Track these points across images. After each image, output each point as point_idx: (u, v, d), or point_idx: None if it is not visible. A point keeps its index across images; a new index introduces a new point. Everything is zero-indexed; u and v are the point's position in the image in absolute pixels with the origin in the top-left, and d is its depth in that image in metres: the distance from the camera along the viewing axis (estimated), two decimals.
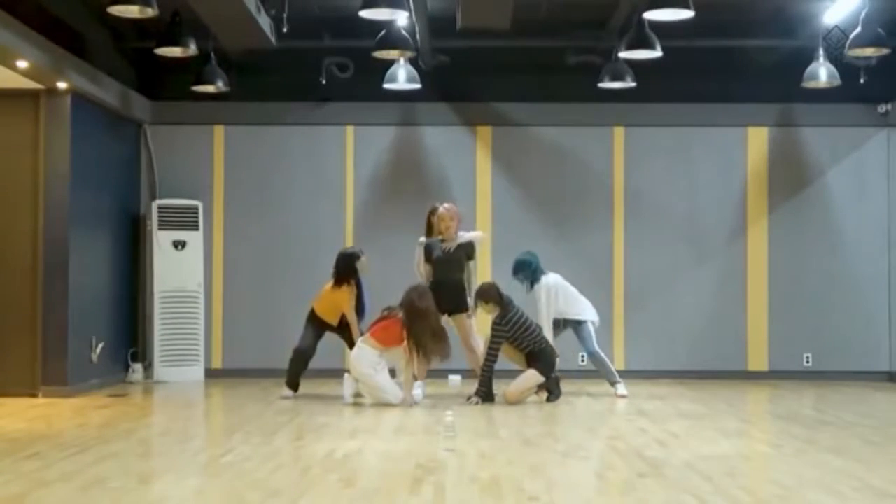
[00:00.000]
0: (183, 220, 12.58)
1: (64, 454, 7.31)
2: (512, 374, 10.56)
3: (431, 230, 10.77)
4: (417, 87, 11.79)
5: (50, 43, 10.04)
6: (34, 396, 10.71)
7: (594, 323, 11.00)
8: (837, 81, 11.37)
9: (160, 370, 12.42)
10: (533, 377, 10.32)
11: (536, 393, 10.46)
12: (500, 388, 10.38)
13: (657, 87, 12.30)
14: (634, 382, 11.75)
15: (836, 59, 11.26)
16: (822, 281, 12.87)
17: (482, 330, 10.80)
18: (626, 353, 12.78)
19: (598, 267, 12.78)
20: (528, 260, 10.94)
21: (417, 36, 10.78)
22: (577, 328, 10.97)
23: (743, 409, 10.52)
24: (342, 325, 10.83)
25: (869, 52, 10.20)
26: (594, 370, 11.20)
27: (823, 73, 11.32)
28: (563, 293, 10.89)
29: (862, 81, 11.83)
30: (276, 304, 12.70)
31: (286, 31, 10.30)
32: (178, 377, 12.40)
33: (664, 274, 12.88)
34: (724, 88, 12.82)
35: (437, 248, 10.71)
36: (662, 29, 9.91)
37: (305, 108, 12.91)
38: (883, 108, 12.78)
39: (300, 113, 12.93)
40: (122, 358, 12.35)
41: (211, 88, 11.64)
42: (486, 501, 5.88)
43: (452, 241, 10.69)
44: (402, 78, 11.62)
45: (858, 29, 9.86)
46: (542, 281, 10.84)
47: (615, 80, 11.50)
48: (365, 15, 8.94)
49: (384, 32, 10.06)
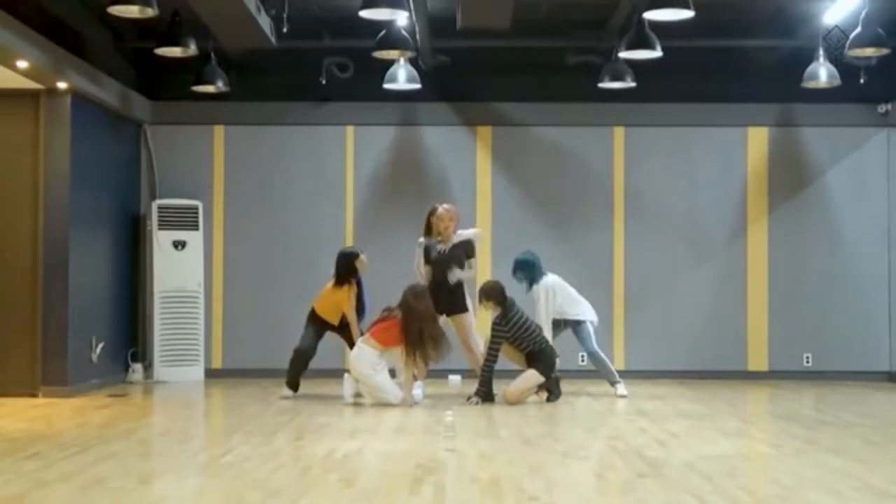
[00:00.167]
0: (183, 220, 12.58)
1: (64, 454, 7.31)
2: (512, 374, 10.56)
3: (431, 230, 10.77)
4: (417, 87, 11.79)
5: (50, 43, 10.04)
6: (34, 396, 10.72)
7: (593, 323, 11.01)
8: (837, 81, 11.37)
9: (160, 370, 12.42)
10: (533, 377, 10.32)
11: (536, 393, 10.47)
12: (500, 388, 10.39)
13: (657, 87, 12.29)
14: (634, 382, 11.76)
15: (836, 59, 11.26)
16: (822, 281, 12.87)
17: (482, 330, 10.81)
18: (626, 353, 12.78)
19: (598, 267, 12.78)
20: (527, 259, 10.94)
21: (417, 36, 10.78)
22: (576, 328, 10.97)
23: (743, 409, 10.52)
24: (342, 324, 10.84)
25: (869, 52, 10.19)
26: (594, 370, 11.20)
27: (823, 73, 11.32)
28: (561, 293, 10.89)
29: (862, 81, 11.83)
30: (276, 304, 12.71)
31: (286, 31, 10.29)
32: (178, 377, 12.40)
33: (664, 274, 12.88)
34: (724, 88, 12.82)
35: (435, 248, 10.71)
36: (662, 29, 9.91)
37: (305, 108, 12.91)
38: (883, 108, 12.78)
39: (300, 113, 12.93)
40: (122, 358, 12.35)
41: (211, 88, 11.64)
42: (486, 501, 5.88)
43: (448, 241, 10.69)
44: (402, 78, 11.61)
45: (858, 29, 9.86)
46: (541, 281, 10.84)
47: (615, 80, 11.50)
48: (365, 15, 8.94)
49: (384, 32, 10.06)
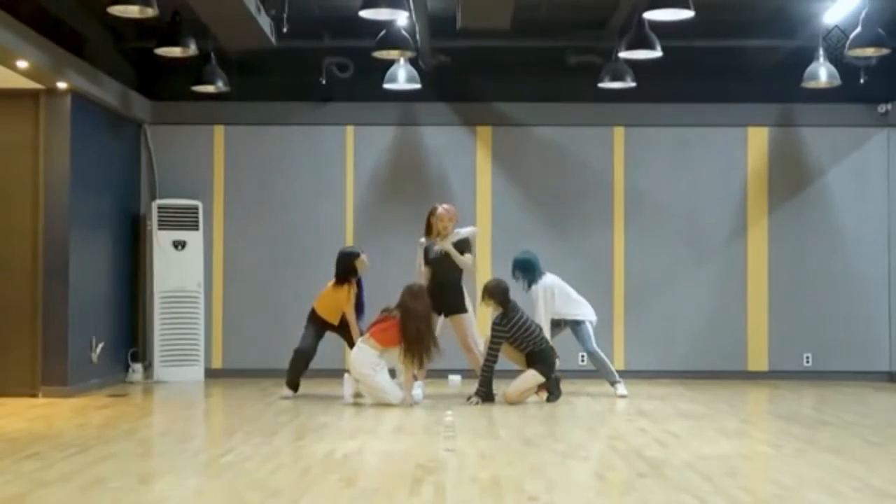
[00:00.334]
0: (183, 220, 12.58)
1: (64, 454, 7.31)
2: (512, 374, 10.56)
3: (431, 230, 10.77)
4: (417, 87, 11.79)
5: (50, 43, 10.04)
6: (34, 396, 10.72)
7: (592, 323, 11.01)
8: (837, 81, 11.36)
9: (160, 370, 12.42)
10: (533, 377, 10.32)
11: (536, 393, 10.46)
12: (500, 388, 10.39)
13: (657, 87, 12.29)
14: (634, 382, 11.76)
15: (836, 59, 11.26)
16: (822, 281, 12.87)
17: (482, 330, 10.81)
18: (626, 353, 12.78)
19: (598, 267, 12.78)
20: (526, 259, 10.94)
21: (417, 36, 10.78)
22: (575, 328, 10.97)
23: (743, 409, 10.52)
24: (342, 324, 10.84)
25: (869, 52, 10.19)
26: (594, 370, 11.20)
27: (823, 73, 11.32)
28: (560, 294, 10.89)
29: (862, 81, 11.84)
30: (276, 304, 12.71)
31: (286, 31, 10.29)
32: (178, 377, 12.40)
33: (664, 274, 12.88)
34: (724, 88, 12.82)
35: (434, 249, 10.71)
36: (662, 29, 9.91)
37: (305, 108, 12.91)
38: (883, 108, 12.77)
39: (300, 113, 12.93)
40: (122, 358, 12.35)
41: (211, 88, 11.64)
42: (486, 501, 5.88)
43: (445, 240, 10.68)
44: (402, 78, 11.61)
45: (858, 29, 9.85)
46: (539, 281, 10.84)
47: (615, 80, 11.50)
48: (365, 15, 8.94)
49: (384, 32, 10.06)
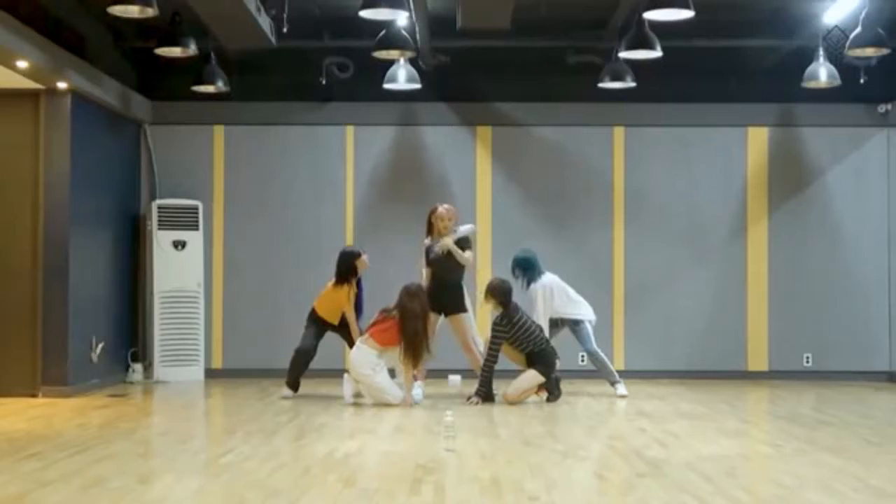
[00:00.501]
0: (183, 220, 12.58)
1: (64, 454, 7.31)
2: (512, 374, 10.56)
3: (433, 230, 10.78)
4: (417, 87, 11.79)
5: (50, 43, 10.04)
6: (34, 396, 10.72)
7: (591, 322, 11.01)
8: (837, 81, 11.36)
9: (160, 370, 12.42)
10: (533, 377, 10.32)
11: (536, 393, 10.46)
12: (500, 388, 10.39)
13: (657, 87, 12.29)
14: (634, 382, 11.76)
15: (836, 59, 11.25)
16: (822, 281, 12.86)
17: (482, 330, 10.81)
18: (626, 353, 12.78)
19: (597, 266, 12.78)
20: (526, 258, 10.95)
21: (417, 36, 10.78)
22: (574, 328, 10.97)
23: (743, 409, 10.51)
24: (342, 324, 10.84)
25: (869, 52, 10.18)
26: (594, 370, 11.20)
27: (823, 73, 11.31)
28: (559, 293, 10.89)
29: (862, 81, 11.84)
30: (276, 304, 12.70)
31: (286, 31, 10.29)
32: (178, 377, 12.40)
33: (664, 274, 12.88)
34: (724, 88, 12.82)
35: (434, 249, 10.71)
36: (662, 29, 9.90)
37: (305, 108, 12.91)
38: (883, 108, 12.78)
39: (300, 113, 12.93)
40: (122, 358, 12.35)
41: (211, 88, 11.64)
42: (486, 501, 5.88)
43: (442, 239, 10.68)
44: (402, 78, 11.61)
45: (858, 29, 9.85)
46: (539, 280, 10.85)
47: (615, 80, 11.49)
48: (365, 15, 8.94)
49: (384, 32, 10.05)
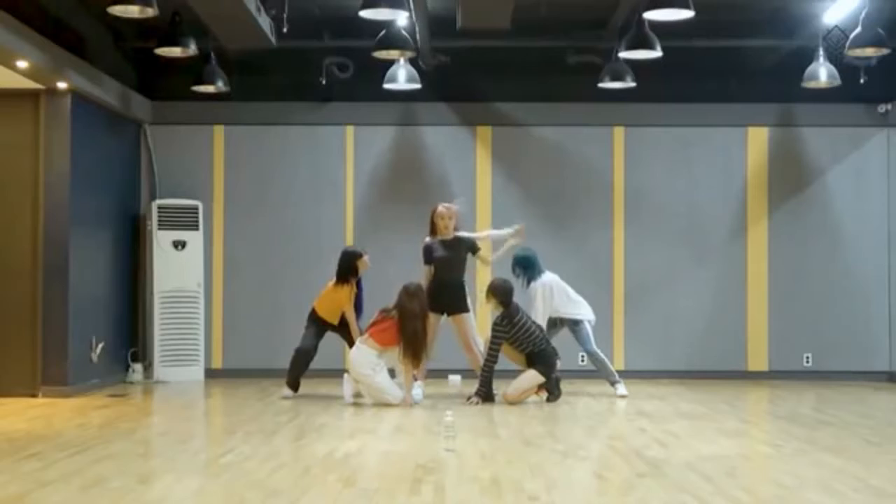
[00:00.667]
0: (183, 220, 12.58)
1: (64, 454, 7.31)
2: (512, 374, 10.56)
3: (435, 230, 10.79)
4: (417, 87, 11.79)
5: (50, 43, 10.04)
6: (34, 396, 10.72)
7: (591, 322, 11.01)
8: (837, 81, 11.36)
9: (160, 370, 12.42)
10: (533, 378, 10.32)
11: (536, 393, 10.46)
12: (500, 388, 10.39)
13: (657, 87, 12.29)
14: (634, 382, 11.76)
15: (836, 59, 11.25)
16: (822, 281, 12.86)
17: (482, 330, 10.82)
18: (626, 353, 12.78)
19: (598, 266, 12.78)
20: (526, 256, 10.96)
21: (417, 36, 10.78)
22: (573, 328, 10.97)
23: (743, 409, 10.51)
24: (342, 324, 10.84)
25: (869, 52, 10.18)
26: (594, 370, 11.20)
27: (823, 73, 11.32)
28: (559, 292, 10.89)
29: (862, 81, 11.84)
30: (276, 304, 12.70)
31: (286, 31, 10.29)
32: (178, 377, 12.40)
33: (664, 274, 12.88)
34: (724, 88, 12.83)
35: (437, 248, 10.72)
36: (662, 29, 9.91)
37: (305, 108, 12.91)
38: (883, 108, 12.78)
39: (300, 113, 12.93)
40: (122, 358, 12.35)
41: (211, 88, 11.64)
42: (486, 501, 5.88)
43: (448, 235, 10.69)
44: (402, 78, 11.61)
45: (858, 29, 9.86)
46: (539, 279, 10.86)
47: (615, 80, 11.49)
48: (365, 15, 8.94)
49: (384, 32, 10.05)
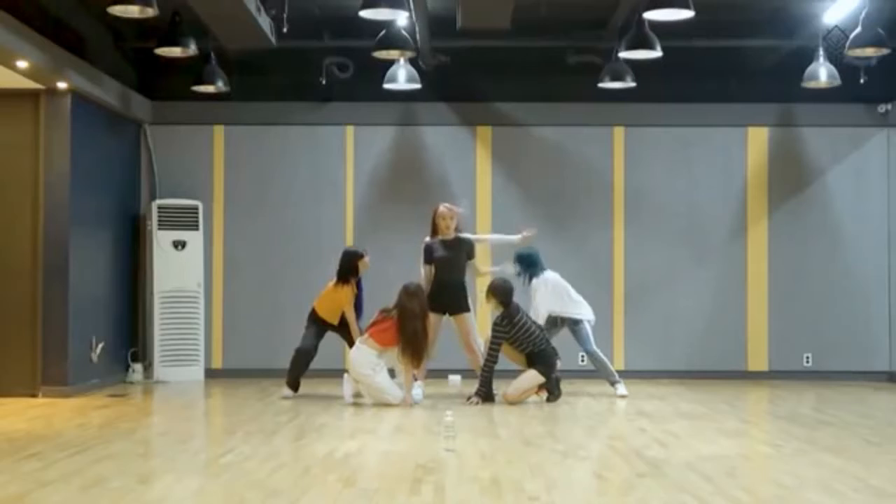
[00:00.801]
0: (183, 220, 12.58)
1: (64, 454, 7.31)
2: (512, 374, 10.56)
3: (437, 230, 10.79)
4: (417, 87, 11.79)
5: (50, 43, 10.04)
6: (34, 396, 10.72)
7: (590, 322, 11.01)
8: (837, 81, 11.36)
9: (160, 370, 12.42)
10: (533, 378, 10.32)
11: (536, 393, 10.47)
12: (500, 388, 10.39)
13: (657, 87, 12.29)
14: (634, 382, 11.76)
15: (836, 59, 11.26)
16: (822, 281, 12.86)
17: (482, 330, 10.82)
18: (626, 353, 12.78)
19: (598, 266, 12.78)
20: (528, 254, 10.97)
21: (417, 36, 10.78)
22: (573, 328, 10.97)
23: (743, 409, 10.51)
24: (342, 324, 10.84)
25: (869, 52, 10.19)
26: (594, 370, 11.20)
27: (823, 73, 11.32)
28: (559, 291, 10.90)
29: (862, 81, 11.84)
30: (276, 304, 12.70)
31: (286, 31, 10.29)
32: (178, 377, 12.40)
33: (664, 274, 12.88)
34: (724, 88, 12.83)
35: (437, 248, 10.72)
36: (662, 29, 9.91)
37: (305, 108, 12.91)
38: (883, 108, 12.78)
39: (300, 113, 12.93)
40: (122, 358, 12.35)
41: (211, 88, 11.64)
42: (486, 501, 5.88)
43: (449, 235, 10.70)
44: (402, 78, 11.61)
45: (858, 29, 9.86)
46: (540, 276, 10.87)
47: (615, 80, 11.49)
48: (365, 15, 8.94)
49: (384, 32, 10.06)
